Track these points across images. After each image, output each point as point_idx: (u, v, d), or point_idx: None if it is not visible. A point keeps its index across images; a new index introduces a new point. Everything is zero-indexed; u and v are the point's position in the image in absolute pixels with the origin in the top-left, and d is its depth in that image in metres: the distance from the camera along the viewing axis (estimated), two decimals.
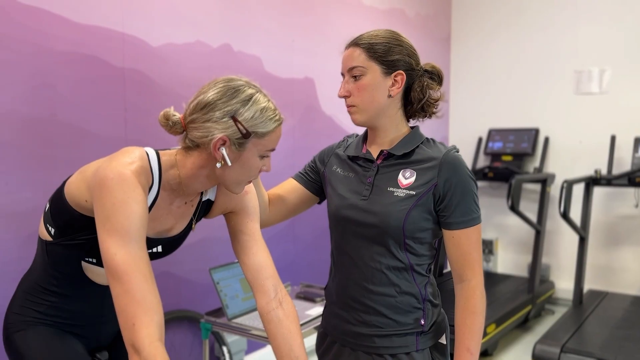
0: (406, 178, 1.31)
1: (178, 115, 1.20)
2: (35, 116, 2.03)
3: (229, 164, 1.15)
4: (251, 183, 1.38)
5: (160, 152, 1.21)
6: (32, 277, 1.33)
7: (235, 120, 1.14)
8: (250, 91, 1.17)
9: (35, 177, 2.04)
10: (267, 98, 1.20)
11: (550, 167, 4.54)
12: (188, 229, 1.33)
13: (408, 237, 1.29)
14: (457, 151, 1.33)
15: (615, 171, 4.17)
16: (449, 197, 1.27)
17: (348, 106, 1.35)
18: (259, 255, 1.32)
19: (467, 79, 4.93)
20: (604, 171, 4.24)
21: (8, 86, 1.95)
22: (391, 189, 1.30)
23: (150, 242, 1.26)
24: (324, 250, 3.54)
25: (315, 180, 1.49)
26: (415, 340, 1.33)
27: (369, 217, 1.30)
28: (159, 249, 1.30)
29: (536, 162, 4.55)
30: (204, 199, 1.32)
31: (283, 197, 1.49)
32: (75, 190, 1.19)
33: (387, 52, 1.30)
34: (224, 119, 1.14)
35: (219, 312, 2.22)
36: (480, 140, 4.81)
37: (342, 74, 1.36)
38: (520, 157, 4.50)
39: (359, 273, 1.33)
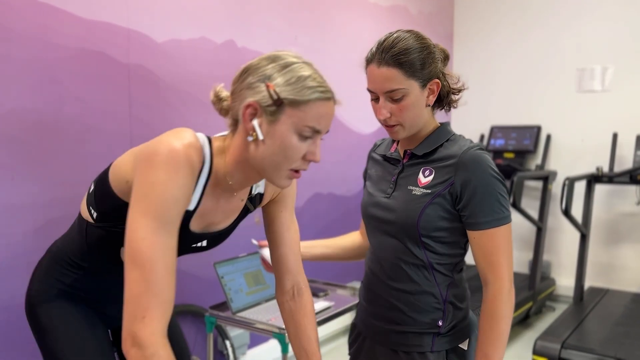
0: (425, 177, 1.29)
1: (227, 92, 1.12)
2: (41, 111, 2.05)
3: (260, 136, 1.02)
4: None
5: (212, 138, 1.13)
6: (63, 248, 1.30)
7: (267, 85, 1.01)
8: (292, 59, 1.04)
9: (41, 171, 2.06)
10: (314, 70, 1.05)
11: (552, 165, 4.55)
12: (236, 223, 1.27)
13: (424, 235, 1.26)
14: (482, 148, 1.27)
15: (617, 169, 4.18)
16: (467, 196, 1.23)
17: (389, 125, 1.28)
18: (282, 248, 1.31)
19: (469, 76, 4.94)
20: (605, 169, 4.25)
21: (15, 81, 1.97)
22: (410, 187, 1.29)
23: (195, 237, 1.19)
24: None
25: None
26: (431, 340, 1.30)
27: (389, 214, 1.31)
28: (204, 243, 1.24)
29: (538, 160, 4.57)
30: (254, 192, 1.25)
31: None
32: (119, 171, 1.13)
33: (424, 65, 1.24)
34: (256, 84, 1.02)
35: (222, 306, 2.24)
36: (482, 137, 4.82)
37: (371, 91, 1.27)
38: (522, 154, 4.51)
39: (381, 268, 1.34)
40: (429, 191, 1.26)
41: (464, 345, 1.34)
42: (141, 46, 2.38)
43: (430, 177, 1.28)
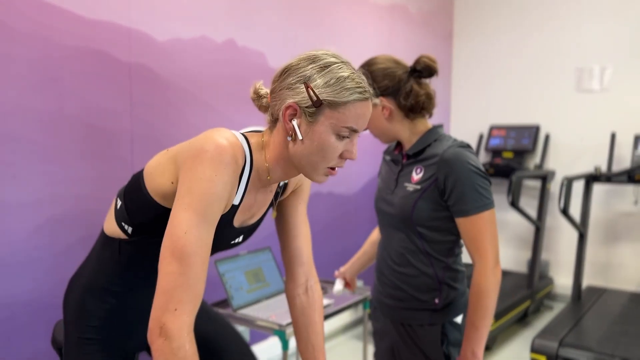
0: (417, 174, 1.49)
1: (266, 90, 1.14)
2: (43, 109, 2.06)
3: (299, 136, 1.05)
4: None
5: (247, 134, 1.15)
6: (88, 279, 1.27)
7: (307, 85, 1.03)
8: (331, 59, 1.06)
9: (42, 169, 2.08)
10: (352, 70, 1.07)
11: (550, 164, 4.57)
12: (265, 214, 1.29)
13: (419, 225, 1.47)
14: (464, 146, 1.47)
15: (615, 168, 4.20)
16: (450, 189, 1.42)
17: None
18: (298, 241, 1.31)
19: (469, 76, 4.96)
20: (603, 168, 4.27)
21: (17, 80, 1.98)
22: (406, 184, 1.51)
23: (235, 233, 1.21)
24: (326, 245, 3.58)
25: None
26: (429, 315, 1.53)
27: (391, 208, 1.54)
28: (240, 238, 1.26)
29: (537, 159, 4.58)
30: (281, 183, 1.27)
31: None
32: (159, 176, 1.13)
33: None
34: (296, 85, 1.04)
35: (223, 303, 2.26)
36: (481, 136, 4.84)
37: None
38: (521, 153, 4.53)
39: (388, 254, 1.58)
40: (419, 187, 1.47)
41: (458, 320, 1.55)
42: (142, 45, 2.39)
43: (421, 175, 1.48)
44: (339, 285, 2.19)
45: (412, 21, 4.37)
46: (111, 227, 1.23)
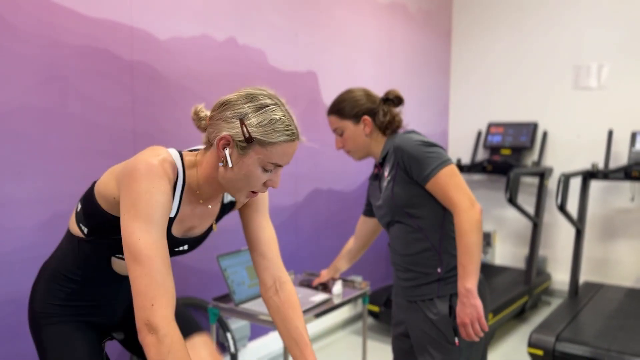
0: (387, 171, 1.78)
1: (206, 112, 1.24)
2: (47, 107, 2.09)
3: (229, 164, 1.17)
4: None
5: (183, 152, 1.27)
6: (57, 266, 1.40)
7: (242, 122, 1.15)
8: (267, 101, 1.18)
9: (46, 166, 2.10)
10: (284, 113, 1.19)
11: (548, 161, 4.61)
12: (210, 228, 1.40)
13: (406, 206, 1.72)
14: (408, 132, 1.77)
15: (612, 165, 4.24)
16: (408, 167, 1.69)
17: (345, 152, 1.86)
18: (260, 246, 1.41)
19: (467, 73, 4.98)
20: (601, 165, 4.30)
21: (21, 78, 2.01)
22: (383, 183, 1.79)
23: (178, 242, 1.32)
24: (324, 241, 3.61)
25: None
26: (436, 287, 1.71)
27: (381, 209, 1.81)
28: (185, 247, 1.37)
29: (534, 156, 4.62)
30: (225, 201, 1.39)
31: (368, 234, 2.12)
32: (105, 189, 1.25)
33: (350, 109, 1.79)
34: (232, 120, 1.16)
35: (224, 298, 2.29)
36: (479, 133, 4.87)
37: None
38: (519, 150, 4.56)
39: (394, 244, 1.82)
40: (390, 177, 1.74)
41: None
42: (144, 43, 2.42)
43: (388, 169, 1.77)
44: (338, 287, 2.27)
45: (411, 20, 4.40)
46: (73, 226, 1.36)
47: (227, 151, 1.16)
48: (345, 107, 1.79)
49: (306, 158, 3.40)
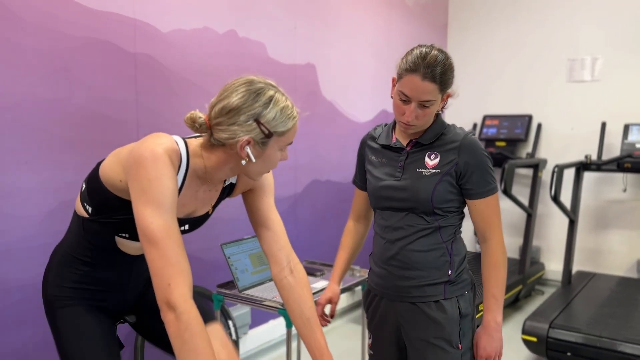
0: (432, 160, 1.56)
1: (203, 117, 1.27)
2: (53, 99, 2.13)
3: (254, 160, 1.25)
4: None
5: (187, 140, 1.31)
6: (65, 249, 1.44)
7: (258, 123, 1.22)
8: (270, 93, 1.24)
9: (53, 157, 2.14)
10: (284, 96, 1.27)
11: (542, 153, 4.67)
12: (212, 211, 1.45)
13: (436, 207, 1.54)
14: (474, 134, 1.58)
15: (605, 157, 4.30)
16: (468, 173, 1.53)
17: (407, 124, 1.51)
18: (273, 228, 1.45)
19: (463, 66, 5.03)
20: (594, 157, 4.37)
21: (28, 70, 2.05)
22: (419, 169, 1.56)
23: (179, 222, 1.36)
24: (323, 231, 3.66)
25: None
26: (443, 289, 1.58)
27: (402, 193, 1.57)
28: (187, 227, 1.42)
29: (529, 148, 4.68)
30: (226, 183, 1.43)
31: (364, 210, 1.82)
32: (110, 171, 1.29)
33: (452, 81, 1.52)
34: (248, 122, 1.21)
35: (229, 284, 2.35)
36: (475, 125, 4.93)
37: (403, 98, 1.48)
38: (514, 142, 4.62)
39: (396, 236, 1.59)
40: (438, 171, 1.54)
41: (469, 292, 1.63)
42: (147, 36, 2.46)
43: (437, 160, 1.56)
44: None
45: (408, 12, 4.44)
46: (78, 207, 1.40)
47: (248, 150, 1.23)
48: (450, 79, 1.51)
49: (305, 150, 3.45)
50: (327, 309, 1.84)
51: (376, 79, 4.10)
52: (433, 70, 1.44)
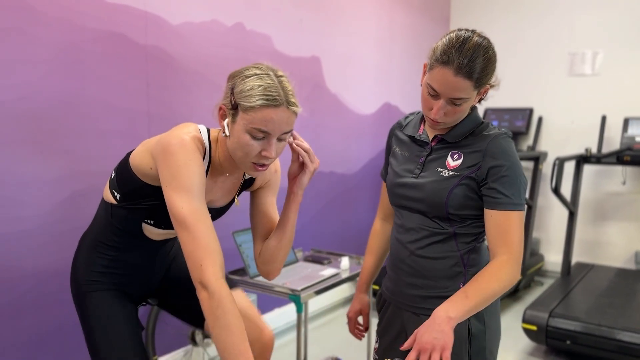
0: (454, 160, 1.38)
1: None
2: (66, 90, 2.17)
3: (226, 133, 1.25)
4: (275, 162, 1.47)
5: (211, 129, 1.36)
6: (95, 235, 1.50)
7: (231, 92, 1.24)
8: (256, 71, 1.23)
9: (66, 146, 2.19)
10: (271, 80, 1.21)
11: (543, 146, 4.72)
12: (232, 202, 1.51)
13: (451, 212, 1.35)
14: (508, 135, 1.37)
15: (605, 150, 4.35)
16: (490, 180, 1.31)
17: (434, 121, 1.35)
18: (275, 223, 1.50)
19: None
20: (594, 150, 4.42)
21: (43, 62, 2.09)
22: (439, 169, 1.38)
23: None
24: (326, 221, 3.72)
25: None
26: None
27: (417, 192, 1.40)
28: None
29: (530, 141, 4.73)
30: (246, 176, 1.47)
31: (385, 243, 1.67)
32: (140, 160, 1.35)
33: (490, 75, 1.35)
34: (227, 91, 1.26)
35: (240, 271, 2.43)
36: None
37: (432, 92, 1.32)
38: (515, 135, 4.67)
39: (408, 238, 1.44)
40: (457, 173, 1.35)
41: (485, 309, 1.39)
42: (158, 28, 2.50)
43: (459, 161, 1.37)
44: (345, 262, 2.36)
45: (410, 5, 4.47)
46: (106, 193, 1.46)
47: (225, 121, 1.26)
48: (490, 73, 1.34)
49: (308, 141, 3.49)
50: (360, 320, 1.69)
51: (380, 72, 4.14)
52: (470, 64, 1.26)
